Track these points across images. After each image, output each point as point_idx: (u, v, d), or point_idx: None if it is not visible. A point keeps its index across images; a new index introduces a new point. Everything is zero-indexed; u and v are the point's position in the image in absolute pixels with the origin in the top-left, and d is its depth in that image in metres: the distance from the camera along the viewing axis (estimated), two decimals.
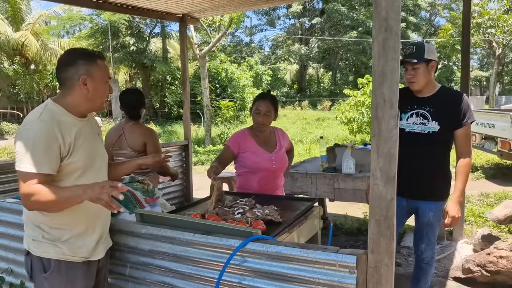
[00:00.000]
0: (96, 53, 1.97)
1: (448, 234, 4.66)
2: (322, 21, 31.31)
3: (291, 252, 1.76)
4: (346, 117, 12.19)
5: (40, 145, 1.76)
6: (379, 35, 1.52)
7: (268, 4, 5.46)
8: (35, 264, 1.92)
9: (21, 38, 19.57)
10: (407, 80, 2.75)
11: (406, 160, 2.81)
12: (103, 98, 1.97)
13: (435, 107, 2.71)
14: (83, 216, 1.95)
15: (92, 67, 1.89)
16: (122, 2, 4.71)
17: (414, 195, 2.82)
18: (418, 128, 2.73)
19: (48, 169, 1.78)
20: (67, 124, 1.87)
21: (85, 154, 1.92)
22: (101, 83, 1.93)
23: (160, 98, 24.10)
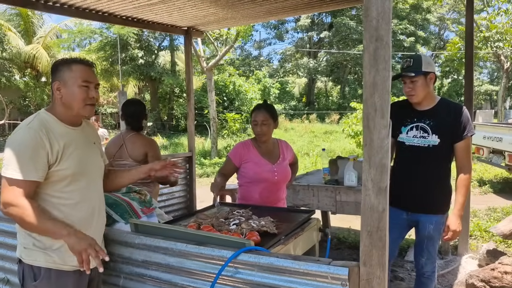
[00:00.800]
0: (76, 59, 1.97)
1: (453, 249, 4.59)
2: (330, 35, 31.45)
3: (283, 264, 1.74)
4: (353, 130, 12.15)
5: (27, 152, 1.78)
6: (370, 45, 1.51)
7: (272, 17, 5.50)
8: (26, 272, 1.92)
9: (32, 51, 19.92)
10: (406, 93, 2.74)
11: (406, 173, 2.79)
12: (80, 102, 1.92)
13: (435, 120, 2.69)
14: (74, 225, 1.93)
15: (65, 72, 1.90)
16: (128, 15, 4.77)
17: (414, 208, 2.80)
18: (418, 142, 2.72)
19: (34, 176, 1.79)
20: (57, 132, 1.88)
21: (75, 163, 1.92)
22: (74, 87, 1.90)
23: (168, 111, 24.26)
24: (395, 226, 2.78)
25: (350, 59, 31.26)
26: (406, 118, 2.78)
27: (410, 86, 2.68)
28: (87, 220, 1.98)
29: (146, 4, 4.21)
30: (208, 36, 13.15)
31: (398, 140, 2.81)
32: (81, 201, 1.96)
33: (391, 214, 2.75)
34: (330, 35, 31.46)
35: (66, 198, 1.92)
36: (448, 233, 2.67)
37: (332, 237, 5.23)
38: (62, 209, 1.91)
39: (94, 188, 2.04)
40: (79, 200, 1.95)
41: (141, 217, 2.49)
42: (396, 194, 2.72)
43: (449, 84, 30.80)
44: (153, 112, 22.93)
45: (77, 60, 1.96)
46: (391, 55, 1.52)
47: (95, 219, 2.03)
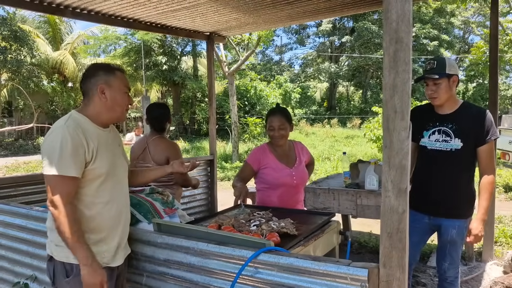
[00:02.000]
0: (115, 66, 2.08)
1: (477, 255, 4.50)
2: (352, 40, 31.25)
3: (302, 264, 1.76)
4: (374, 135, 12.03)
5: (67, 149, 1.85)
6: (390, 47, 1.52)
7: (293, 22, 5.53)
8: (57, 269, 1.99)
9: (60, 57, 20.47)
10: (428, 96, 2.72)
11: (428, 178, 2.77)
12: (122, 108, 2.05)
13: (458, 124, 2.66)
14: (104, 223, 2.02)
15: (110, 77, 2.00)
16: (152, 21, 4.88)
17: (436, 212, 2.78)
18: (440, 146, 2.69)
19: (74, 172, 1.87)
20: (90, 131, 1.97)
21: (108, 163, 2.00)
22: (119, 93, 2.02)
23: (190, 115, 24.50)
24: (417, 230, 2.76)
25: (372, 64, 30.98)
26: (428, 122, 2.76)
27: (433, 89, 2.66)
28: (116, 219, 2.06)
29: (169, 10, 4.30)
30: (230, 41, 13.26)
31: (420, 144, 2.79)
32: (111, 201, 2.04)
33: (413, 218, 2.74)
34: (352, 39, 31.27)
35: (98, 197, 2.00)
36: (470, 237, 2.63)
37: (353, 242, 5.20)
38: (94, 208, 1.99)
39: (121, 189, 2.12)
40: (109, 199, 2.03)
41: (164, 217, 2.54)
42: (418, 198, 2.71)
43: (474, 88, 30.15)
44: (176, 117, 23.19)
45: (118, 68, 2.07)
46: (411, 57, 1.53)
47: (122, 218, 2.11)
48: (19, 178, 4.38)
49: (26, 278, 2.81)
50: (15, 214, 2.87)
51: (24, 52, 17.39)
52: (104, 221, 2.02)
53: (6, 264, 3.01)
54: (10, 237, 2.94)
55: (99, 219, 2.00)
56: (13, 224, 2.89)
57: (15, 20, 18.17)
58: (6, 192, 3.88)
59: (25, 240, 2.84)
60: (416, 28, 28.40)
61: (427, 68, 2.69)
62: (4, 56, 16.29)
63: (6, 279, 3.02)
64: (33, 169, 13.02)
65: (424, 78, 2.69)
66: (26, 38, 17.42)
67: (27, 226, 2.80)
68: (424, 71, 2.72)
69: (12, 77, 17.89)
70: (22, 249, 2.88)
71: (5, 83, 18.75)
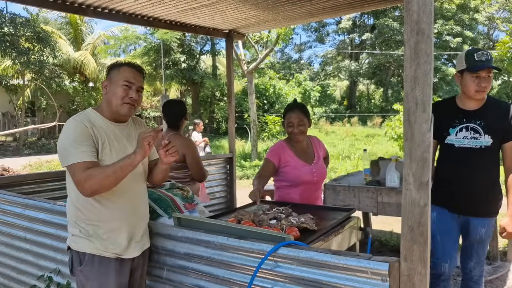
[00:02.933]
0: (127, 62, 2.13)
1: (502, 255, 4.40)
2: (372, 37, 30.89)
3: (322, 258, 1.75)
4: (396, 133, 11.87)
5: (78, 138, 1.93)
6: (411, 39, 1.51)
7: (313, 18, 5.50)
8: (74, 258, 2.06)
9: (81, 57, 20.81)
10: (479, 88, 2.53)
11: (456, 176, 2.69)
12: (118, 100, 2.05)
13: (486, 120, 2.57)
14: (116, 215, 2.06)
15: (113, 72, 2.08)
16: (171, 19, 4.92)
17: (466, 211, 2.70)
18: (469, 143, 2.59)
19: (89, 157, 1.93)
20: (99, 125, 2.04)
21: (117, 156, 2.02)
22: (116, 85, 2.05)
23: (209, 114, 24.63)
24: (450, 231, 2.71)
25: (393, 61, 30.56)
26: (453, 119, 2.65)
27: (487, 81, 2.52)
28: (126, 211, 2.10)
29: (189, 8, 4.33)
30: (248, 40, 13.27)
31: (446, 142, 2.68)
32: (123, 192, 2.07)
33: (443, 217, 2.71)
34: (372, 37, 30.91)
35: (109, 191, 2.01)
36: (504, 234, 2.58)
37: (373, 240, 5.15)
38: (102, 199, 2.02)
39: (135, 180, 2.14)
40: (121, 190, 2.06)
41: (184, 212, 2.56)
42: (446, 197, 2.67)
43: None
44: (195, 115, 23.34)
45: (127, 63, 2.12)
46: (432, 48, 1.51)
47: (134, 211, 2.14)
48: (43, 174, 4.49)
49: (50, 271, 2.87)
50: (40, 209, 2.94)
51: (47, 53, 17.72)
52: (117, 212, 2.06)
53: (31, 257, 3.08)
54: (35, 231, 3.01)
55: (110, 209, 2.04)
56: (37, 218, 2.96)
57: (38, 21, 18.54)
58: (30, 188, 3.97)
59: (49, 234, 2.90)
60: (438, 24, 27.91)
61: (482, 58, 2.51)
62: (27, 57, 16.63)
63: (30, 272, 3.09)
64: (55, 167, 13.29)
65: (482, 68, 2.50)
66: (48, 39, 17.76)
67: (51, 220, 2.86)
68: (479, 61, 2.51)
69: (35, 77, 18.25)
70: (46, 243, 2.94)
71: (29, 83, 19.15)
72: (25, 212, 3.04)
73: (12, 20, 16.45)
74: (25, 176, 4.25)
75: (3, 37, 16.32)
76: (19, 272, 3.20)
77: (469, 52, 2.59)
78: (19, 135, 18.70)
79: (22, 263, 3.16)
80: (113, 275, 2.04)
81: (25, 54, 16.61)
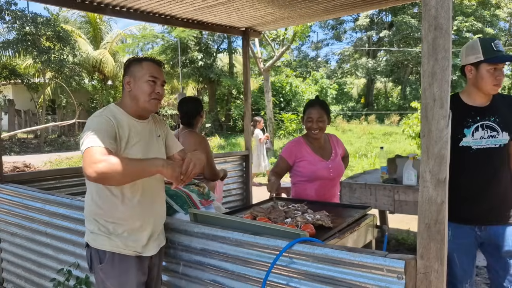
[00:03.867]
0: (147, 57, 2.13)
1: None
2: (390, 34, 30.53)
3: (338, 255, 1.75)
4: (413, 131, 11.73)
5: (101, 129, 1.89)
6: (429, 34, 1.49)
7: (330, 15, 5.47)
8: (93, 256, 2.06)
9: (100, 55, 21.14)
10: (497, 82, 2.31)
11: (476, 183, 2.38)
12: (146, 96, 2.04)
13: (500, 116, 2.36)
14: (136, 213, 2.06)
15: (135, 68, 2.06)
16: (188, 17, 4.95)
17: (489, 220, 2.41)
18: (487, 143, 2.34)
19: (109, 144, 1.86)
20: (123, 122, 2.03)
21: (140, 153, 2.04)
22: (141, 81, 2.04)
23: (225, 112, 24.72)
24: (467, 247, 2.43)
25: (411, 59, 30.16)
26: (465, 118, 2.37)
27: (503, 73, 2.33)
28: (148, 210, 2.10)
29: (205, 6, 4.35)
30: (265, 37, 13.27)
31: (461, 145, 2.37)
32: (143, 189, 2.08)
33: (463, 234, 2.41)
34: (390, 34, 30.54)
35: (129, 187, 2.03)
36: None
37: (390, 239, 5.11)
38: (125, 198, 2.03)
39: (155, 179, 2.12)
40: (141, 187, 2.07)
41: (200, 208, 2.59)
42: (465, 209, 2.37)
43: None
44: (211, 113, 23.47)
45: (148, 58, 2.12)
46: (451, 44, 1.49)
47: (155, 206, 2.15)
48: (63, 170, 4.57)
49: (69, 265, 2.93)
50: (60, 204, 3.00)
51: (67, 51, 18.03)
52: (138, 211, 2.05)
53: (51, 251, 3.15)
54: (55, 226, 3.07)
55: (131, 208, 2.03)
56: (57, 213, 3.02)
57: (58, 21, 18.87)
58: (50, 184, 4.06)
59: (68, 229, 2.96)
60: (458, 21, 27.43)
61: (500, 48, 2.30)
62: (48, 55, 16.94)
63: (50, 265, 3.16)
64: (75, 163, 13.51)
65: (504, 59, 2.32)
66: (68, 38, 18.05)
67: (71, 215, 2.92)
68: (500, 51, 2.30)
69: (55, 75, 18.59)
70: (65, 238, 3.01)
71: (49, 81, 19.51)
72: (46, 207, 3.11)
73: (34, 19, 16.76)
74: (45, 172, 4.34)
75: (24, 36, 16.67)
76: (39, 265, 3.28)
77: (485, 41, 2.33)
78: (40, 133, 19.07)
79: (43, 257, 3.23)
80: (133, 272, 2.04)
81: (45, 53, 16.93)
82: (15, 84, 20.83)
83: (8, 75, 18.60)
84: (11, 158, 13.83)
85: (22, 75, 19.01)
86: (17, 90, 21.66)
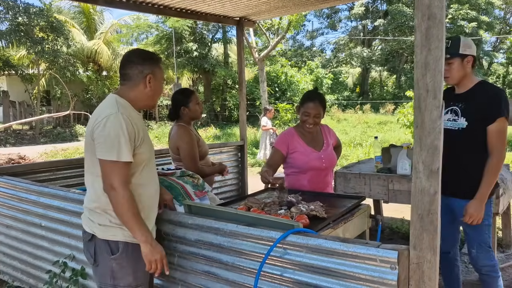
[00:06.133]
0: (158, 56, 2.18)
1: None
2: (385, 23, 30.43)
3: (331, 246, 1.76)
4: (408, 120, 11.75)
5: (125, 136, 1.93)
6: (422, 24, 1.49)
7: (324, 4, 5.43)
8: (100, 248, 2.06)
9: (94, 46, 20.94)
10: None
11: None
12: (159, 97, 2.17)
13: (467, 103, 2.63)
14: (145, 204, 2.09)
15: (156, 68, 2.10)
16: (182, 7, 4.90)
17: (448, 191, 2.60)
18: (450, 125, 2.68)
19: (130, 157, 1.96)
20: (135, 118, 2.05)
21: (149, 146, 2.10)
22: (160, 83, 2.13)
23: (221, 102, 24.64)
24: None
25: (406, 47, 30.11)
26: (447, 102, 2.64)
27: (446, 68, 2.58)
28: (154, 198, 2.16)
29: None
30: (260, 27, 13.19)
31: None
32: (150, 182, 2.13)
33: None
34: (385, 23, 30.45)
35: (141, 179, 2.08)
36: (465, 217, 2.53)
37: (384, 227, 5.14)
38: (138, 190, 2.05)
39: (155, 170, 2.21)
40: (149, 181, 2.12)
41: (194, 200, 2.59)
42: None
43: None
44: (207, 104, 23.39)
45: (160, 58, 2.17)
46: (444, 34, 1.48)
47: (157, 196, 2.21)
48: (57, 162, 4.54)
49: (64, 257, 2.93)
50: (54, 196, 3.00)
51: (60, 42, 17.84)
52: (146, 201, 2.10)
53: (46, 244, 3.15)
54: (50, 218, 3.07)
55: (142, 200, 2.07)
56: (52, 205, 3.02)
57: (51, 11, 18.64)
58: (45, 176, 4.04)
59: (63, 221, 2.96)
60: (452, 9, 27.36)
61: None
62: (41, 46, 16.76)
63: (46, 257, 3.16)
64: (70, 155, 13.46)
65: None
66: (62, 29, 17.83)
67: (65, 207, 2.91)
68: None
69: (49, 66, 18.41)
70: (61, 230, 3.01)
71: (43, 72, 19.34)
72: (40, 200, 3.10)
73: (26, 9, 16.55)
74: (40, 164, 4.32)
75: (17, 27, 16.46)
76: (35, 257, 3.28)
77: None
78: (35, 124, 18.94)
79: (38, 249, 3.23)
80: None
81: (39, 44, 16.75)
82: (9, 75, 20.65)
83: (2, 66, 18.45)
84: (6, 150, 13.75)
85: (16, 66, 18.84)
86: (11, 81, 21.48)
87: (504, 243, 4.27)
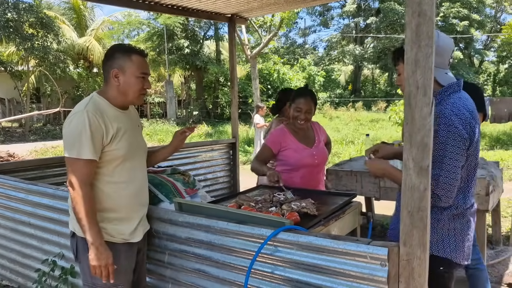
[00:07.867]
0: (134, 48, 2.06)
1: (505, 239, 4.40)
2: (377, 21, 30.53)
3: (322, 243, 1.76)
4: (400, 118, 11.82)
5: (86, 133, 1.90)
6: (412, 21, 1.48)
7: (316, 2, 5.43)
8: (80, 245, 2.05)
9: (85, 43, 20.77)
10: None
11: None
12: (135, 92, 2.05)
13: None
14: (123, 202, 2.06)
15: (125, 62, 2.00)
16: (173, 3, 4.86)
17: None
18: None
19: (91, 155, 1.91)
20: (110, 115, 2.00)
21: (127, 144, 2.03)
22: (132, 77, 2.02)
23: (213, 99, 24.58)
24: None
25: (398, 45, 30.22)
26: None
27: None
28: (135, 198, 2.11)
29: None
30: (252, 24, 13.16)
31: None
32: (129, 180, 2.08)
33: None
34: (377, 20, 30.54)
35: (117, 177, 2.04)
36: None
37: (376, 225, 5.16)
38: (113, 187, 2.03)
39: (140, 168, 2.16)
40: (128, 179, 2.07)
41: (185, 198, 2.57)
42: None
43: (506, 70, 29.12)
44: (199, 101, 23.31)
45: (136, 50, 2.05)
46: (434, 31, 1.48)
47: (142, 194, 2.17)
48: (46, 160, 4.48)
49: (54, 255, 2.90)
50: (43, 194, 2.96)
51: (50, 38, 17.66)
52: (123, 200, 2.07)
53: (35, 242, 3.12)
54: (39, 216, 3.03)
55: (118, 198, 2.04)
56: (41, 203, 2.98)
57: (41, 7, 18.43)
58: (34, 174, 3.98)
59: (52, 219, 2.93)
60: (444, 7, 27.51)
61: None
62: (31, 42, 16.59)
63: (35, 256, 3.13)
64: (61, 153, 13.33)
65: None
66: (52, 25, 17.64)
67: (54, 205, 2.88)
68: None
69: (39, 63, 18.22)
70: (50, 228, 2.97)
71: (33, 69, 19.14)
72: (29, 198, 3.07)
73: (15, 5, 16.35)
74: (29, 161, 4.27)
75: (6, 23, 16.25)
76: (24, 256, 3.25)
77: None
78: (24, 121, 18.77)
79: (27, 248, 3.20)
80: (123, 259, 2.06)
81: (29, 40, 16.57)
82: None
83: None
84: None
85: (5, 62, 18.60)
86: (0, 78, 21.22)
87: (494, 240, 4.31)
